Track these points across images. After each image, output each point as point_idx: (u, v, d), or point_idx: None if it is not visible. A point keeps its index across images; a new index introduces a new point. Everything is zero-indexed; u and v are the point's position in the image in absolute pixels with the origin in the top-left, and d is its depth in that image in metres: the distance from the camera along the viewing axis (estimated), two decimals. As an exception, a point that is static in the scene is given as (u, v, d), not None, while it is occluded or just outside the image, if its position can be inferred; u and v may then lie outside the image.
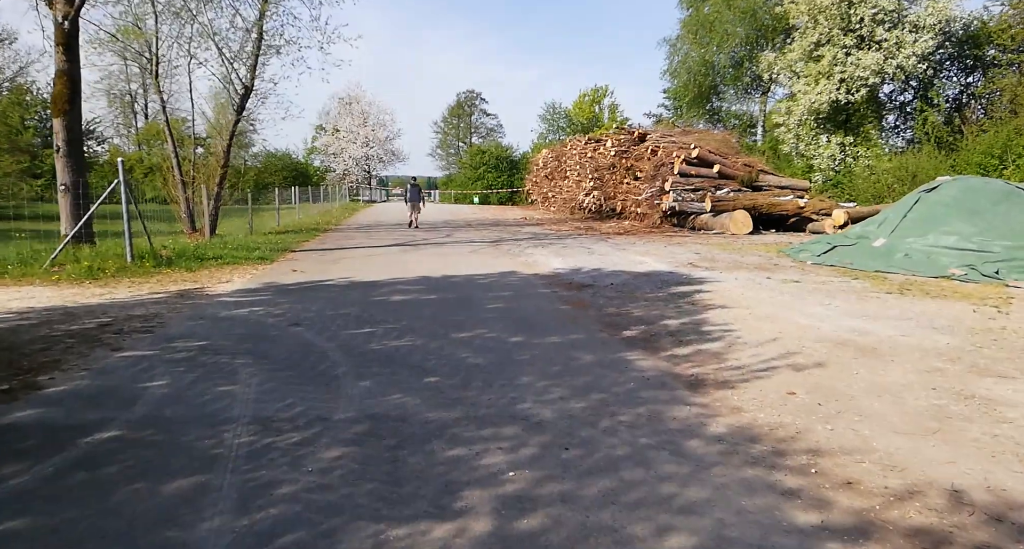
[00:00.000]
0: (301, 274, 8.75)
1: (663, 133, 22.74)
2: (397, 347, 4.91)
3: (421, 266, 9.98)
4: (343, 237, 15.44)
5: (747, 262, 10.54)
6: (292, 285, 7.81)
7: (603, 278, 8.83)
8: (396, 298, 7.07)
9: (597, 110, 50.52)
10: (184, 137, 27.13)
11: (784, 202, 17.39)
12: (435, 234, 16.86)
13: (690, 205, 18.25)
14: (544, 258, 11.30)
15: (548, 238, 15.76)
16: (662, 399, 3.80)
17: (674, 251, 12.39)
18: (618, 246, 13.53)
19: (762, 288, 7.87)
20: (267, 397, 3.69)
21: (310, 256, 11.08)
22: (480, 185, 43.68)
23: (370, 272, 9.12)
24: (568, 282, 8.50)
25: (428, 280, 8.51)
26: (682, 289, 7.84)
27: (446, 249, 12.83)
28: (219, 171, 14.19)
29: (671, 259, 11.02)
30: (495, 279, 8.73)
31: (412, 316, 6.08)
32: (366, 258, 10.94)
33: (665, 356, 4.80)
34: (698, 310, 6.53)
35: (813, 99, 22.99)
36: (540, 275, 9.16)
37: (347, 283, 8.07)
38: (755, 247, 13.22)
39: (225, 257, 9.68)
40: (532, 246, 13.56)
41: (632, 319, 6.14)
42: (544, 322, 5.98)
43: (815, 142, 24.19)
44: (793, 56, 24.77)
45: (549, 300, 7.17)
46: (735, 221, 16.61)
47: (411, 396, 3.78)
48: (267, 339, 5.08)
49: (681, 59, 30.38)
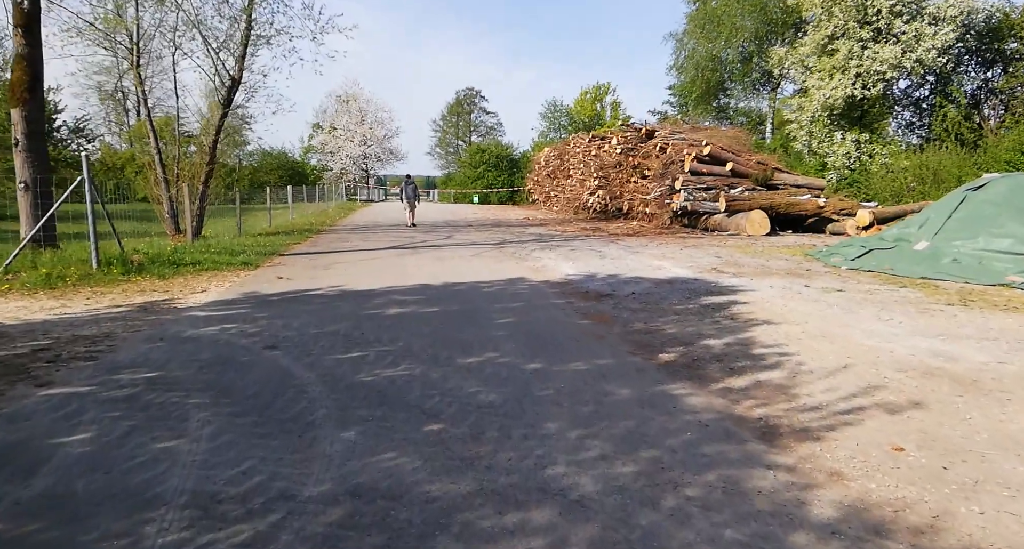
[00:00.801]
0: (287, 282, 7.87)
1: (672, 129, 21.87)
2: (392, 378, 4.03)
3: (421, 272, 9.10)
4: (337, 239, 14.55)
5: (776, 267, 9.68)
6: (275, 296, 6.92)
7: (622, 286, 7.95)
8: (392, 311, 6.19)
9: (599, 108, 49.62)
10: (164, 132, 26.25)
11: (803, 202, 16.51)
12: (435, 235, 15.98)
13: (703, 205, 17.38)
14: (553, 262, 10.42)
15: (554, 240, 14.88)
16: (733, 458, 2.92)
17: (692, 254, 11.52)
18: (630, 248, 12.66)
19: (804, 298, 6.99)
20: (218, 458, 2.81)
21: (299, 261, 10.19)
22: (480, 184, 42.77)
23: (364, 279, 8.24)
24: (583, 291, 7.62)
25: (428, 289, 7.64)
26: (714, 300, 6.96)
27: (447, 252, 11.95)
28: (204, 169, 13.29)
29: (691, 263, 10.15)
30: (502, 287, 7.86)
31: (410, 334, 5.20)
32: (360, 263, 10.06)
33: (718, 390, 3.93)
34: (740, 326, 5.65)
35: (827, 94, 22.13)
36: (551, 282, 8.28)
37: (337, 293, 7.19)
38: (777, 250, 12.35)
39: (204, 262, 8.79)
40: (538, 249, 12.68)
41: (666, 338, 5.27)
42: (564, 342, 5.10)
43: (829, 139, 23.32)
44: (805, 50, 23.91)
45: (565, 313, 6.30)
46: (751, 222, 15.74)
47: (407, 454, 2.90)
48: (235, 367, 4.20)
49: (688, 54, 29.50)
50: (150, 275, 7.79)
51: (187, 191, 11.13)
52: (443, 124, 63.22)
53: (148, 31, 13.65)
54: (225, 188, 45.39)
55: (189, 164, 13.96)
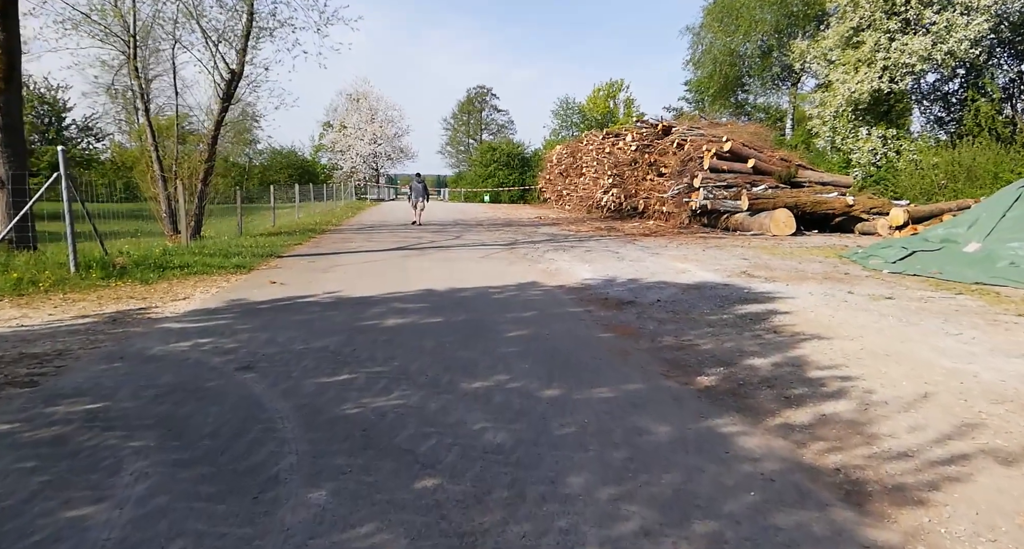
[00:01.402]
0: (280, 288, 7.23)
1: (690, 125, 21.07)
2: (381, 410, 3.37)
3: (425, 276, 8.44)
4: (341, 240, 13.93)
5: (810, 270, 8.91)
6: (263, 304, 6.28)
7: (645, 292, 7.24)
8: (390, 322, 5.52)
9: (612, 105, 48.79)
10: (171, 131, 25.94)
11: (830, 200, 15.68)
12: (443, 236, 15.32)
13: (723, 203, 16.59)
14: (568, 265, 9.73)
15: (568, 240, 14.18)
16: (818, 534, 2.22)
17: (716, 256, 10.77)
18: (649, 250, 11.92)
19: (852, 307, 6.24)
20: (141, 535, 2.15)
21: (298, 263, 9.56)
22: (491, 183, 42.14)
23: (363, 284, 7.59)
24: (603, 297, 6.92)
25: (432, 295, 6.97)
26: (750, 309, 6.24)
27: (455, 253, 11.29)
28: (203, 166, 12.72)
29: (717, 266, 9.41)
30: (513, 293, 7.17)
31: (408, 352, 4.53)
32: (362, 265, 9.42)
33: (776, 427, 3.22)
34: (787, 342, 4.93)
35: (852, 88, 21.23)
36: (567, 288, 7.59)
37: (332, 300, 6.53)
38: (807, 251, 11.57)
39: (194, 265, 8.18)
40: (552, 250, 11.99)
41: (702, 356, 4.56)
42: (585, 360, 4.41)
43: (854, 135, 22.40)
44: (828, 43, 23.01)
45: (585, 324, 5.60)
46: (776, 221, 14.94)
47: (390, 528, 2.23)
48: (197, 396, 3.55)
49: (705, 48, 28.63)
50: (132, 280, 7.18)
51: (181, 189, 10.55)
52: (454, 122, 62.67)
53: (146, 23, 13.12)
54: (235, 187, 45.16)
55: (188, 162, 13.40)
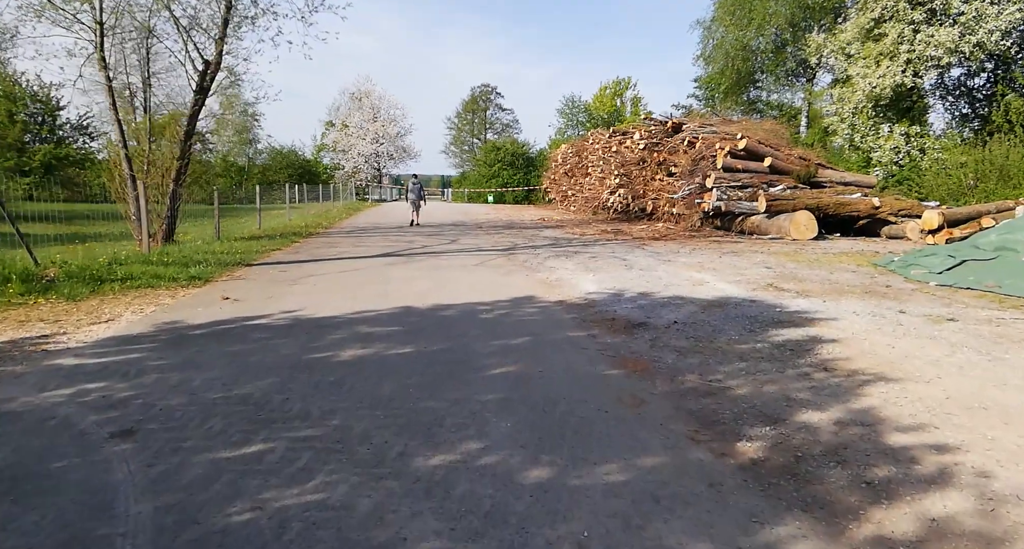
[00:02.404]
0: (231, 305, 6.21)
1: (701, 122, 19.97)
2: (285, 515, 2.33)
3: (408, 288, 7.41)
4: (325, 244, 12.92)
5: (845, 282, 7.83)
6: (199, 328, 5.25)
7: (658, 310, 6.18)
8: (348, 355, 4.49)
9: (619, 103, 47.64)
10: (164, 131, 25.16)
11: (854, 201, 14.55)
12: (438, 239, 14.29)
13: (738, 205, 15.49)
14: (570, 274, 8.68)
15: (572, 245, 13.12)
16: None
17: (735, 264, 9.70)
18: (659, 256, 10.86)
19: (912, 333, 5.16)
20: None
21: (266, 273, 8.55)
22: (495, 183, 41.10)
23: (332, 301, 6.56)
24: (610, 317, 5.87)
25: (409, 315, 5.93)
26: (787, 334, 5.17)
27: (446, 260, 10.26)
28: (175, 164, 11.74)
29: (738, 276, 8.34)
30: (505, 311, 6.13)
31: (356, 401, 3.50)
32: (338, 276, 8.39)
33: (868, 541, 2.17)
34: (844, 384, 3.86)
35: (874, 83, 20.08)
36: (568, 304, 6.54)
37: (287, 323, 5.50)
38: (835, 258, 10.47)
39: (141, 277, 7.16)
40: (553, 255, 10.94)
41: (738, 405, 3.51)
42: (587, 414, 3.37)
43: (874, 133, 21.24)
44: (847, 36, 21.88)
45: (588, 356, 4.56)
46: (796, 224, 13.83)
47: None
48: (23, 489, 2.52)
49: (717, 42, 27.46)
50: (57, 296, 6.17)
51: (142, 189, 9.55)
52: (458, 122, 61.67)
53: (117, 8, 12.13)
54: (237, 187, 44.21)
55: (162, 160, 12.42)
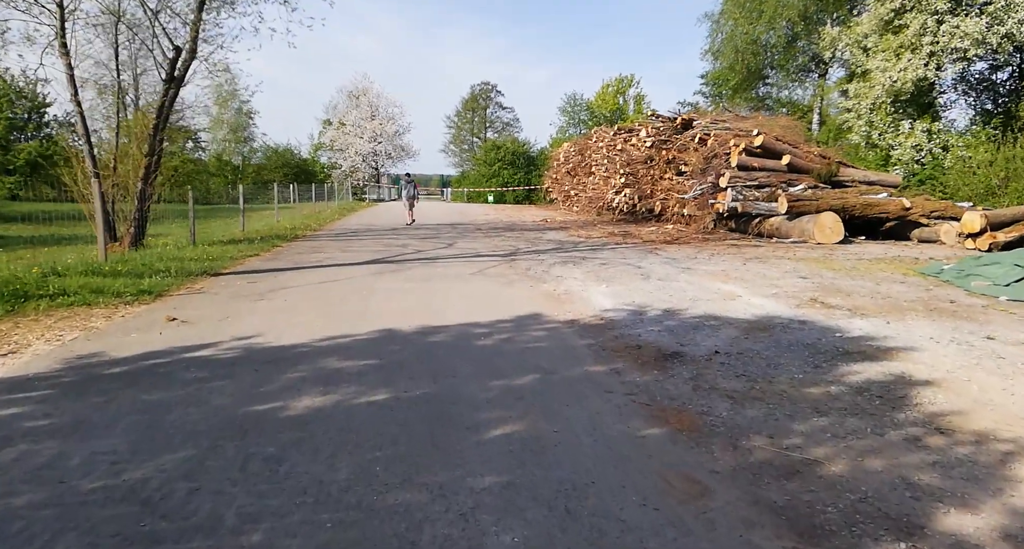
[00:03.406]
0: (174, 330, 5.13)
1: (714, 118, 18.91)
2: None
3: (392, 304, 6.34)
4: (310, 249, 11.85)
5: (901, 297, 6.76)
6: (121, 365, 4.17)
7: (692, 334, 5.12)
8: (302, 406, 3.42)
9: (622, 102, 46.58)
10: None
11: (883, 202, 13.48)
12: (433, 243, 13.22)
13: (756, 206, 14.43)
14: (580, 285, 7.62)
15: (578, 249, 12.06)
16: None
17: (765, 272, 8.63)
18: (676, 263, 9.79)
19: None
20: None
21: (232, 285, 7.47)
22: (495, 182, 40.03)
23: (300, 321, 5.50)
24: (634, 344, 4.81)
25: (391, 341, 4.86)
26: (862, 371, 4.10)
27: (441, 268, 9.19)
28: (144, 161, 10.68)
29: (773, 288, 7.28)
30: (506, 336, 5.06)
31: (298, 493, 2.44)
32: (315, 288, 7.32)
33: None
34: (979, 461, 2.79)
35: (894, 77, 19.01)
36: (582, 325, 5.48)
37: (236, 355, 4.43)
38: (872, 264, 9.40)
39: (79, 292, 6.09)
40: (559, 262, 9.87)
41: (839, 496, 2.46)
42: (631, 516, 2.31)
43: (894, 130, 20.17)
44: (863, 28, 20.82)
45: (615, 404, 3.50)
46: (821, 226, 12.76)
47: None
48: None
49: (726, 37, 26.35)
50: (-38, 318, 5.11)
51: (97, 188, 8.46)
52: (457, 120, 60.57)
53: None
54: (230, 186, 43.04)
55: (127, 156, 11.35)
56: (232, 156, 48.98)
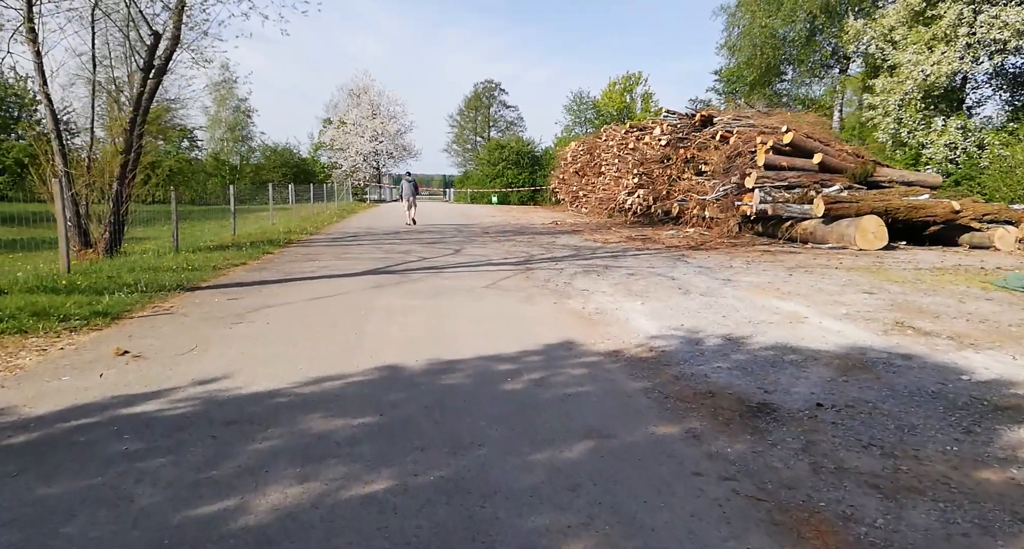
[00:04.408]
0: (118, 370, 4.06)
1: (736, 114, 17.84)
2: None
3: (394, 330, 5.28)
4: (304, 256, 10.78)
5: (997, 317, 5.68)
6: (33, 428, 3.11)
7: (771, 373, 4.05)
8: (269, 505, 2.36)
9: (628, 99, 45.48)
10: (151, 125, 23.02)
11: (929, 204, 12.39)
12: (439, 249, 12.16)
13: (787, 208, 13.35)
14: (611, 301, 6.55)
15: (597, 255, 10.99)
16: None
17: (820, 286, 7.56)
18: (712, 272, 8.73)
19: None
20: None
21: (207, 303, 6.40)
22: (499, 183, 38.95)
23: (280, 355, 4.44)
24: (703, 389, 3.74)
25: (392, 385, 3.80)
26: (1033, 439, 3.04)
27: (449, 279, 8.13)
28: (119, 159, 9.63)
29: (839, 306, 6.21)
30: (538, 378, 3.99)
31: None
32: (304, 307, 6.26)
33: None
34: None
35: (927, 71, 17.90)
36: (629, 359, 4.41)
37: (193, 409, 3.37)
38: (935, 276, 8.32)
39: (18, 314, 5.03)
40: (581, 271, 8.81)
41: None
42: None
43: (925, 127, 19.08)
44: (890, 20, 19.75)
45: (708, 496, 2.43)
46: (863, 231, 11.68)
47: None
48: None
49: (743, 30, 25.23)
50: None
51: (59, 190, 7.37)
52: (460, 119, 59.54)
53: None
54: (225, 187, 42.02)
55: (102, 153, 10.31)
56: (230, 156, 47.95)
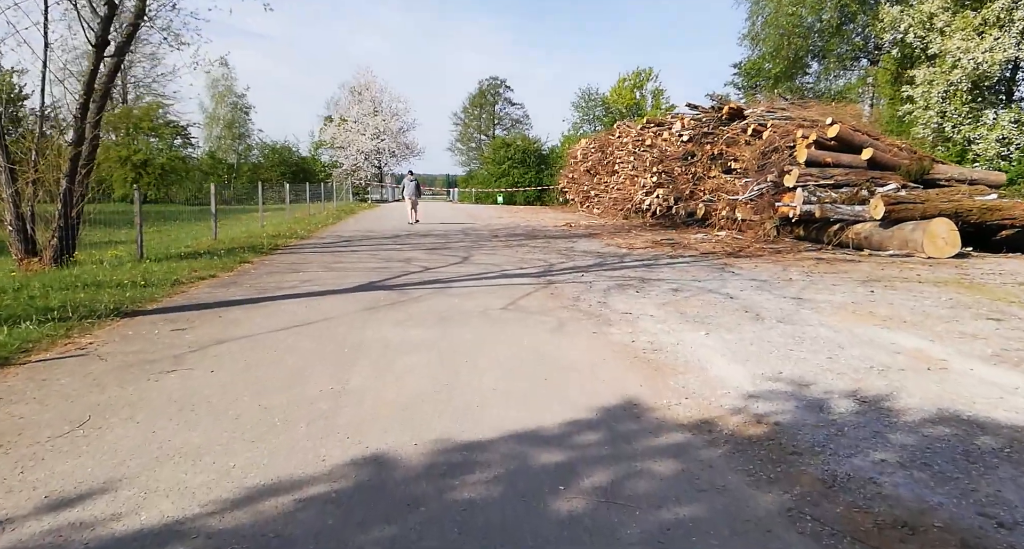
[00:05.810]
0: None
1: (769, 106, 16.32)
2: None
3: (384, 387, 3.78)
4: (288, 265, 9.30)
5: None
6: None
7: (971, 472, 2.55)
8: None
9: (639, 96, 43.92)
10: (142, 121, 22.24)
11: (1005, 205, 10.86)
12: (444, 256, 10.66)
13: (836, 209, 11.82)
14: (664, 330, 5.06)
15: (626, 264, 9.49)
16: None
17: (922, 308, 6.04)
18: (770, 287, 7.21)
19: None
20: None
21: (140, 337, 4.90)
22: (504, 182, 37.41)
23: (208, 443, 2.96)
24: (888, 519, 2.24)
25: (376, 506, 2.32)
26: None
27: (457, 299, 6.62)
28: (69, 152, 8.17)
29: (971, 340, 4.70)
30: (606, 483, 2.49)
31: None
32: (271, 341, 4.77)
33: None
34: None
35: (978, 59, 16.34)
36: (729, 439, 2.91)
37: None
38: (1054, 295, 6.80)
39: None
40: (614, 286, 7.31)
41: None
42: None
43: (973, 120, 17.51)
44: (932, 6, 18.16)
45: None
46: (932, 236, 10.13)
47: None
48: None
49: (768, 18, 23.65)
50: None
51: None
52: (464, 117, 58.04)
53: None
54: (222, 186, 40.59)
55: (52, 146, 8.86)
56: (227, 154, 46.51)
